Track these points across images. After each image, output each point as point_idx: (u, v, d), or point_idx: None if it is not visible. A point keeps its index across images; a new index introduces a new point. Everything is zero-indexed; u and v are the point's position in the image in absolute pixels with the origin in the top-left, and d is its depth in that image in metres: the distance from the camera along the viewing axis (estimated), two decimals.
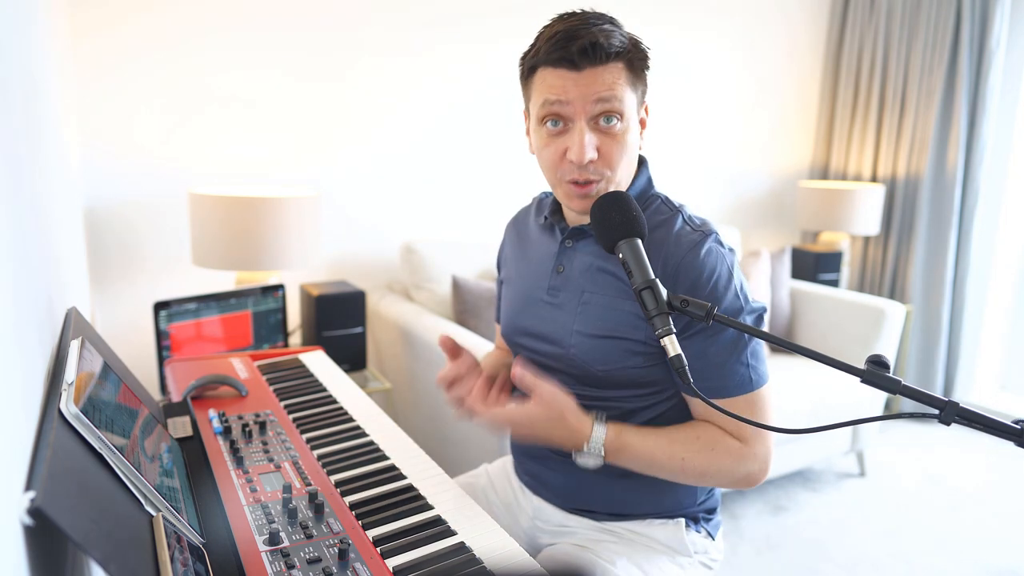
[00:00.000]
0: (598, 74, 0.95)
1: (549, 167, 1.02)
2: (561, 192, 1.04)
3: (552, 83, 0.97)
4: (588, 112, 0.96)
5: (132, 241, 2.15)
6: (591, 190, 1.00)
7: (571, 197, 1.02)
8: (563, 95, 0.96)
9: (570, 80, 0.95)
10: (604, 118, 0.97)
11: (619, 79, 0.96)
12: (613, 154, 0.98)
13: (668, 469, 1.00)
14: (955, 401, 0.68)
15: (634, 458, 0.99)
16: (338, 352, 2.03)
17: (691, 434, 1.01)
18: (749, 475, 1.00)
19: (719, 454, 0.99)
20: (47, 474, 0.51)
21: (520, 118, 1.12)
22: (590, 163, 0.97)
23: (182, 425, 1.07)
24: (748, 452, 1.00)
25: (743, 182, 3.46)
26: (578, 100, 0.95)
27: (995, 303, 3.36)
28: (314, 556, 0.76)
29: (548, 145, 1.01)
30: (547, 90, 0.97)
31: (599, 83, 0.95)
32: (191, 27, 2.12)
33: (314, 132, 2.38)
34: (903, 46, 3.26)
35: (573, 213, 1.10)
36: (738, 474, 1.00)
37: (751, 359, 1.00)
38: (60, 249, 1.09)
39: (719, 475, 1.00)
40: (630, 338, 1.00)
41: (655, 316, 0.83)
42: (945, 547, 2.26)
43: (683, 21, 3.07)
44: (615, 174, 1.00)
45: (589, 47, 0.93)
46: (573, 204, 1.03)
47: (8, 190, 0.61)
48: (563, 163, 0.99)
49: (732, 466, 0.99)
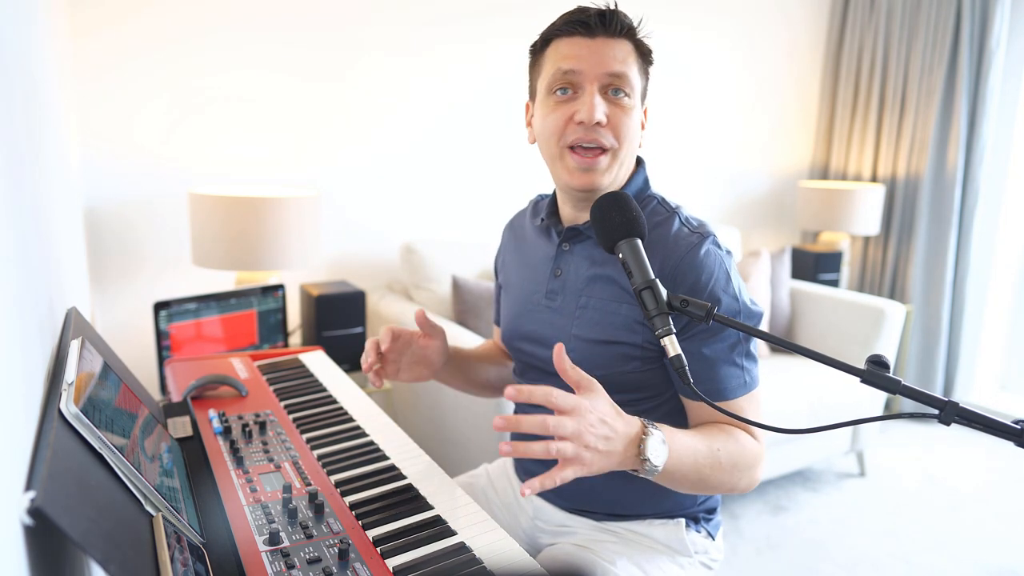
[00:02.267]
0: (611, 45, 0.98)
1: (552, 133, 1.01)
2: (562, 167, 1.02)
3: (566, 52, 0.99)
4: (600, 80, 0.98)
5: (132, 241, 2.15)
6: (597, 163, 0.99)
7: (572, 171, 1.00)
8: (576, 63, 0.97)
9: (584, 48, 0.98)
10: (613, 90, 0.98)
11: (630, 56, 0.99)
12: (621, 124, 0.99)
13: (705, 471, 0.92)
14: (955, 401, 0.68)
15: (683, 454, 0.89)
16: (338, 352, 2.03)
17: (712, 429, 0.97)
18: (753, 480, 0.99)
19: (743, 450, 0.96)
20: (47, 474, 0.51)
21: (520, 116, 1.12)
22: (598, 126, 0.97)
23: (182, 425, 1.07)
24: (760, 453, 0.99)
25: (743, 182, 3.46)
26: (590, 68, 0.97)
27: (995, 303, 3.36)
28: (314, 556, 0.76)
29: (554, 111, 1.00)
30: (560, 59, 0.99)
31: (611, 55, 0.97)
32: (191, 27, 2.12)
33: (314, 132, 2.38)
34: (903, 46, 3.26)
35: (569, 211, 1.09)
36: (754, 472, 0.98)
37: (746, 362, 1.00)
38: (60, 249, 1.09)
39: (744, 470, 0.96)
40: (627, 342, 1.00)
41: (655, 316, 0.83)
42: (945, 547, 2.26)
43: (683, 21, 3.07)
44: (622, 147, 1.00)
45: (606, 12, 0.98)
46: (575, 179, 1.00)
47: (8, 190, 0.61)
48: (568, 126, 0.99)
49: (752, 462, 0.97)
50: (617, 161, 1.01)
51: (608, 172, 1.01)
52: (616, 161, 1.00)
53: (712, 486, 0.94)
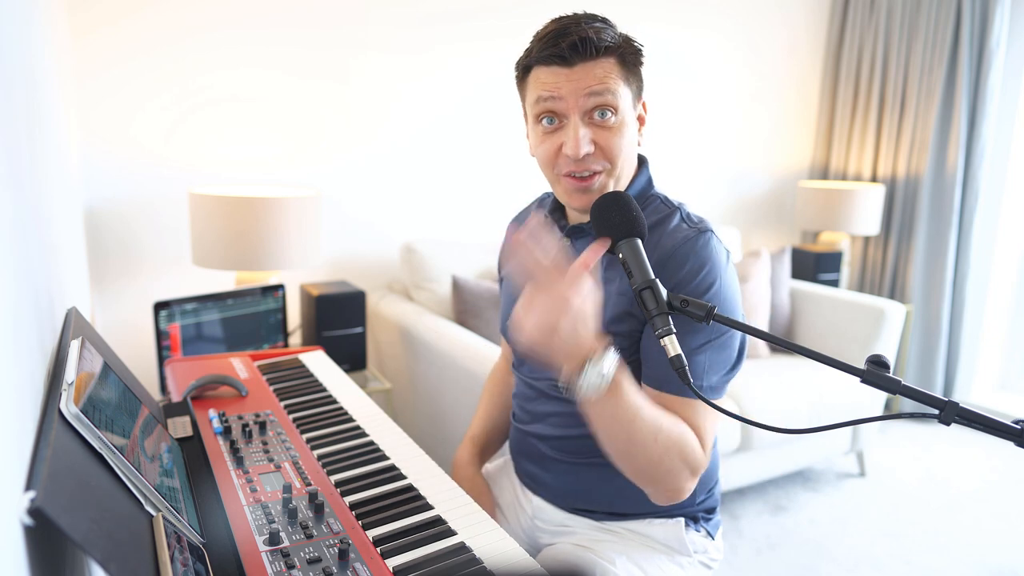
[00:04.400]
0: (589, 69, 0.96)
1: (545, 163, 1.03)
2: (560, 189, 1.04)
3: (545, 80, 0.98)
4: (581, 107, 0.97)
5: (132, 241, 2.15)
6: (592, 184, 1.00)
7: (570, 193, 1.02)
8: (555, 91, 0.97)
9: (562, 76, 0.96)
10: (598, 112, 0.97)
11: (611, 73, 0.97)
12: (612, 145, 0.98)
13: (641, 435, 0.90)
14: (955, 401, 0.68)
15: (624, 404, 0.88)
16: (338, 352, 2.03)
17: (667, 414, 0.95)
18: (682, 489, 0.96)
19: (685, 444, 0.94)
20: (47, 474, 0.51)
21: (521, 118, 1.12)
22: (587, 156, 0.97)
23: (182, 425, 1.07)
24: (701, 461, 0.96)
25: (743, 182, 3.46)
26: (570, 95, 0.96)
27: (995, 303, 3.36)
28: (314, 556, 0.76)
29: (543, 142, 1.01)
30: (540, 87, 0.98)
31: (591, 77, 0.96)
32: (191, 27, 2.12)
33: (314, 132, 2.38)
34: (903, 46, 3.26)
35: (574, 212, 1.10)
36: (682, 476, 0.94)
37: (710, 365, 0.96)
38: (60, 249, 1.09)
39: (675, 464, 0.93)
40: (617, 333, 1.01)
41: (655, 316, 0.83)
42: (945, 547, 2.26)
43: (684, 21, 3.06)
44: (615, 166, 1.00)
45: (579, 42, 0.94)
46: (573, 200, 1.03)
47: (8, 190, 0.60)
48: (559, 158, 1.00)
49: (687, 463, 0.94)
50: (612, 177, 1.01)
51: (604, 189, 1.02)
52: (611, 178, 1.01)
53: (638, 461, 0.92)
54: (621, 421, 0.88)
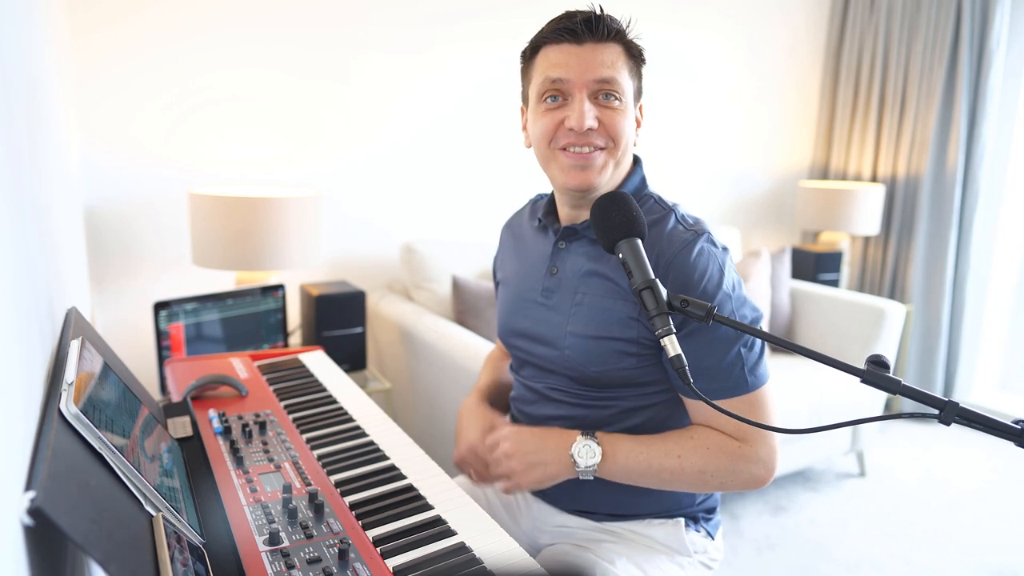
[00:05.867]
0: (599, 51, 0.97)
1: (542, 138, 1.02)
2: (556, 167, 1.02)
3: (554, 59, 0.99)
4: (588, 88, 0.98)
5: (132, 241, 2.15)
6: (592, 160, 0.99)
7: (567, 170, 1.01)
8: (564, 71, 0.97)
9: (572, 55, 0.97)
10: (604, 94, 0.98)
11: (618, 60, 0.99)
12: (616, 123, 0.99)
13: (668, 468, 0.99)
14: (955, 401, 0.68)
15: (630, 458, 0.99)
16: (338, 352, 2.03)
17: (685, 435, 1.01)
18: (753, 477, 1.00)
19: (715, 453, 0.99)
20: (47, 474, 0.51)
21: (519, 116, 1.12)
22: (590, 131, 0.98)
23: (182, 425, 1.07)
24: (749, 452, 0.99)
25: (743, 182, 3.46)
26: (578, 76, 0.97)
27: (995, 303, 3.36)
28: (314, 556, 0.76)
29: (543, 118, 1.01)
30: (549, 67, 0.99)
31: (599, 60, 0.97)
32: (191, 27, 2.12)
33: (314, 132, 2.38)
34: (903, 46, 3.26)
35: (567, 211, 1.09)
36: (741, 475, 0.99)
37: (747, 359, 0.99)
38: (60, 249, 1.09)
39: (719, 474, 0.99)
40: (622, 338, 1.01)
41: (655, 316, 0.83)
42: (945, 547, 2.26)
43: (684, 21, 3.06)
44: (618, 146, 1.00)
45: (593, 18, 0.98)
46: (570, 179, 1.01)
47: (8, 190, 0.61)
48: (559, 130, 1.00)
49: (731, 465, 0.99)
50: (613, 159, 1.01)
51: (604, 170, 1.01)
52: (611, 159, 1.01)
53: (683, 485, 1.02)
54: (642, 472, 1.00)
